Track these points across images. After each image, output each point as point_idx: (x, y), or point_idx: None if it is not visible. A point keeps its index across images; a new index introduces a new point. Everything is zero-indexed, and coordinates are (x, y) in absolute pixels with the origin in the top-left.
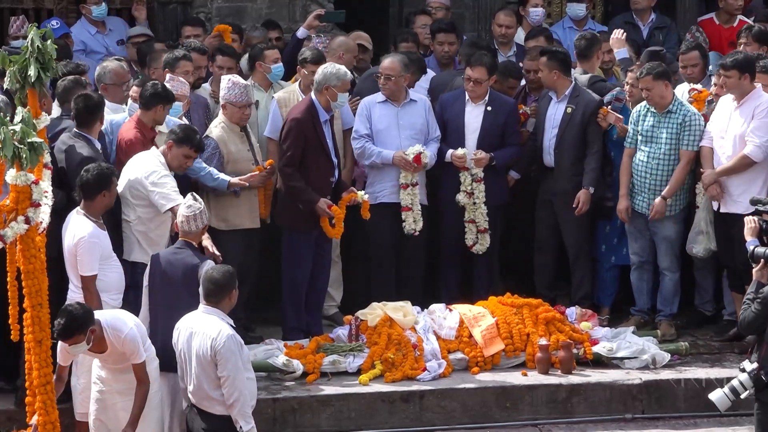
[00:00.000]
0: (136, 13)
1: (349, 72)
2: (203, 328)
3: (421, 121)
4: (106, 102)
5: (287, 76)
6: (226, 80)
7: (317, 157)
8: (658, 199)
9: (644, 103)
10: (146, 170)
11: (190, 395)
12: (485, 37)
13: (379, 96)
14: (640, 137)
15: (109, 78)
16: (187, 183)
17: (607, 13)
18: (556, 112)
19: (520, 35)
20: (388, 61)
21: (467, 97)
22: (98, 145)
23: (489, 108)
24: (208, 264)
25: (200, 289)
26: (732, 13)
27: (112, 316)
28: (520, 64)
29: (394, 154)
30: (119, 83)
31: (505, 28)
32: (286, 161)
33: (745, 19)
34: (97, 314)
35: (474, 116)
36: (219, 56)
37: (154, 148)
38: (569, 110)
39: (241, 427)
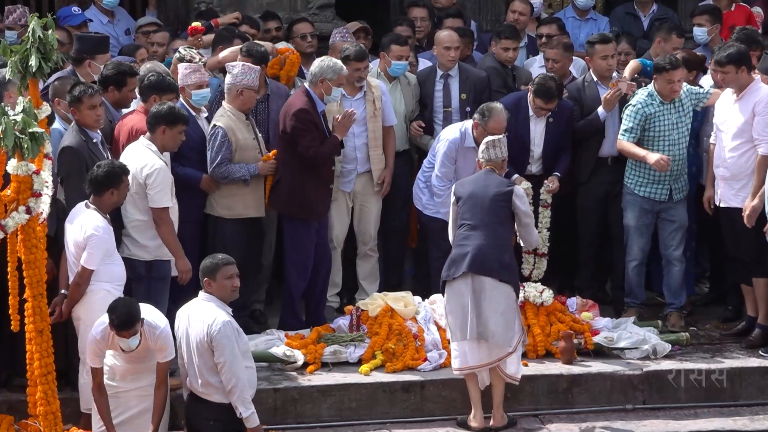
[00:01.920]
0: None
1: (345, 67)
2: (200, 316)
3: None
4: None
5: None
6: (240, 66)
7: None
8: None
9: (644, 98)
10: (140, 164)
11: (190, 384)
12: (486, 27)
13: (468, 139)
14: (658, 131)
15: None
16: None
17: (608, 4)
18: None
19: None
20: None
21: (531, 111)
22: (96, 137)
23: (551, 119)
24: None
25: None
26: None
27: (145, 312)
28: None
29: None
30: None
31: (518, 14)
32: (309, 140)
33: (744, 4)
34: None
35: (538, 130)
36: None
37: (142, 137)
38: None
39: (241, 413)
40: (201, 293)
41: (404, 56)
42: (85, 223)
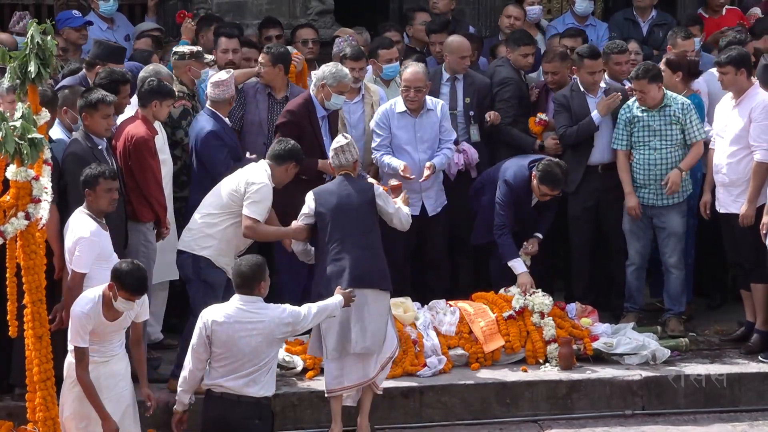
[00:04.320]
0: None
1: (349, 74)
2: (260, 317)
3: (435, 131)
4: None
5: None
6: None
7: (311, 153)
8: (674, 171)
9: (630, 103)
10: (253, 176)
11: (225, 386)
12: (485, 33)
13: (399, 105)
14: (640, 135)
15: None
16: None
17: (607, 9)
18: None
19: None
20: (413, 72)
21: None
22: (101, 144)
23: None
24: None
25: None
26: (716, 10)
27: None
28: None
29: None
30: None
31: (513, 19)
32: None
33: (733, 7)
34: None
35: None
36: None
37: (263, 161)
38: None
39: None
40: (238, 296)
41: (393, 58)
42: (75, 228)
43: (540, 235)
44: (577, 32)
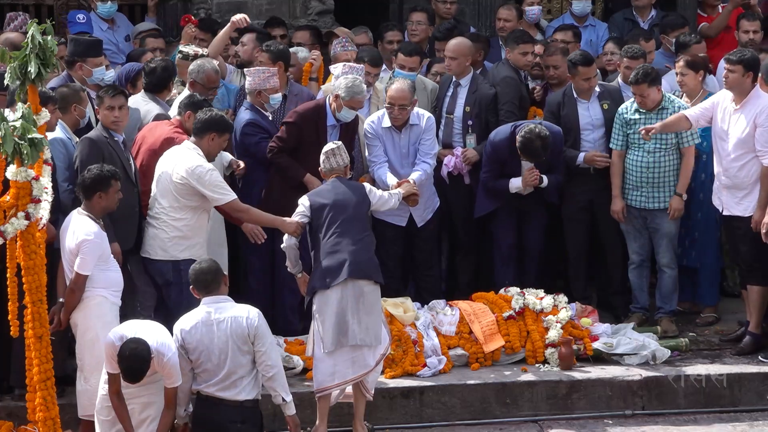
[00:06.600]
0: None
1: (365, 91)
2: (228, 314)
3: (416, 147)
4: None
5: None
6: (340, 66)
7: (311, 158)
8: (675, 198)
9: (629, 104)
10: (191, 164)
11: (211, 388)
12: (485, 33)
13: (385, 120)
14: (636, 137)
15: (200, 78)
16: None
17: (607, 9)
18: (590, 111)
19: None
20: (398, 90)
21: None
22: (118, 138)
23: None
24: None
25: (195, 285)
26: (713, 5)
27: (156, 338)
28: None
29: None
30: (207, 86)
31: (503, 21)
32: (276, 139)
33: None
34: (143, 336)
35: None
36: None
37: (186, 141)
38: (606, 106)
39: (283, 399)
40: (206, 299)
41: (407, 66)
42: (77, 229)
43: (545, 181)
44: (567, 26)
